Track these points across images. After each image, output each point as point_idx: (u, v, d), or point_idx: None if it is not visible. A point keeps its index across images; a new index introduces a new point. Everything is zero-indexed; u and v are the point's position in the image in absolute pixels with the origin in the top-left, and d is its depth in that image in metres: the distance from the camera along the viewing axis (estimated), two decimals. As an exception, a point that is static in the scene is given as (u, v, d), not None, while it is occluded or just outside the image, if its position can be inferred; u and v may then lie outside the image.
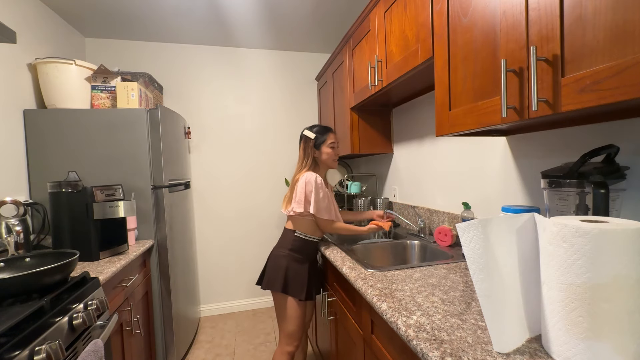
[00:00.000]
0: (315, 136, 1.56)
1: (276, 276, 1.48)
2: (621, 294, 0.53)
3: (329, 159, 1.57)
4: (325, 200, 1.49)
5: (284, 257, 1.51)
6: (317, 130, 1.59)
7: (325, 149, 1.56)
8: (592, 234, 0.54)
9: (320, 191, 1.48)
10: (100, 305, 1.12)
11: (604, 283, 0.53)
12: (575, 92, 0.63)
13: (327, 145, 1.56)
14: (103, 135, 1.79)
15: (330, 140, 1.56)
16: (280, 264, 1.50)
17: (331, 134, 1.58)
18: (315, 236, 1.57)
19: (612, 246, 0.53)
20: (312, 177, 1.48)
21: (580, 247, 0.55)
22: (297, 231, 1.54)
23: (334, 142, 1.58)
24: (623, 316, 0.53)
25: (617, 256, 0.53)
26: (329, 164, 1.59)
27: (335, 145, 1.59)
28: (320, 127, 1.60)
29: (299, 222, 1.54)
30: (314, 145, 1.57)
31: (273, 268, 1.51)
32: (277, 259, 1.52)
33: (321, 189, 1.48)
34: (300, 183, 1.49)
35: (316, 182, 1.47)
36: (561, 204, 0.85)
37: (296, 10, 2.20)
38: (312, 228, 1.55)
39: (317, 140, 1.56)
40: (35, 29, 1.87)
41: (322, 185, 1.49)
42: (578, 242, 0.55)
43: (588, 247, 0.54)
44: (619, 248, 0.53)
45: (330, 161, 1.58)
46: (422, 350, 0.66)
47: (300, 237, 1.53)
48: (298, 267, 1.50)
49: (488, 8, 0.85)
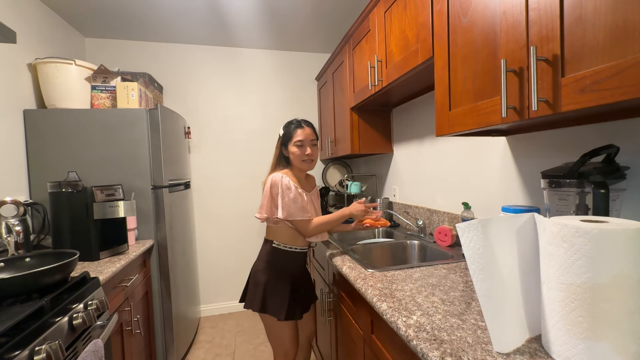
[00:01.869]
0: (283, 133, 1.39)
1: (255, 293, 1.35)
2: (621, 294, 0.53)
3: (296, 159, 1.36)
4: (297, 201, 1.30)
5: (262, 271, 1.36)
6: (286, 125, 1.40)
7: (291, 147, 1.36)
8: (592, 234, 0.54)
9: (288, 192, 1.30)
10: (100, 305, 1.12)
11: (604, 283, 0.53)
12: (575, 92, 0.63)
13: (293, 144, 1.35)
14: (103, 135, 1.79)
15: (297, 138, 1.34)
16: (258, 279, 1.35)
17: (298, 131, 1.35)
18: (297, 246, 1.39)
19: (612, 246, 0.53)
20: (277, 178, 1.31)
21: (580, 247, 0.55)
22: (275, 241, 1.37)
23: (301, 139, 1.34)
24: (623, 316, 0.53)
25: (617, 256, 0.53)
26: (296, 164, 1.37)
27: (304, 143, 1.35)
28: (290, 122, 1.40)
29: (274, 231, 1.38)
30: (281, 144, 1.40)
31: (252, 284, 1.38)
32: (256, 274, 1.37)
33: (289, 189, 1.30)
34: (265, 187, 1.34)
35: (282, 183, 1.30)
36: (561, 204, 0.85)
37: (296, 10, 2.20)
38: (292, 236, 1.37)
39: (284, 138, 1.39)
40: (35, 29, 1.87)
41: (289, 185, 1.31)
42: (578, 242, 0.55)
43: (588, 247, 0.54)
44: (619, 248, 0.53)
45: (297, 161, 1.36)
46: (422, 350, 0.66)
47: (278, 247, 1.36)
48: (277, 283, 1.34)
49: (488, 8, 0.85)
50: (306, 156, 1.36)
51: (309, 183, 1.50)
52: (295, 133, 1.35)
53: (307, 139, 1.36)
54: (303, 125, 1.38)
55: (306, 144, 1.36)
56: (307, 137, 1.36)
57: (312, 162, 1.39)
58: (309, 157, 1.37)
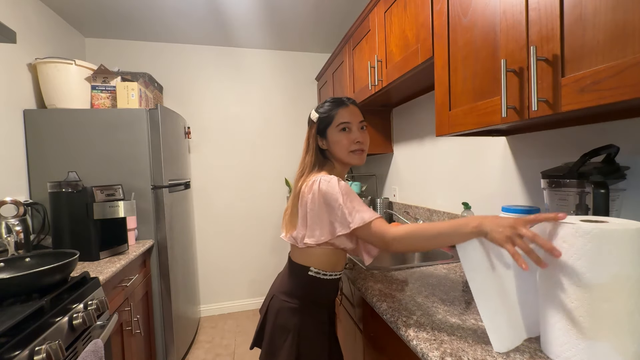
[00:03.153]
0: (318, 117, 0.99)
1: (282, 343, 0.93)
2: (621, 294, 0.53)
3: (341, 150, 0.96)
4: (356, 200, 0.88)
5: (292, 311, 0.95)
6: (320, 106, 1.02)
7: (332, 134, 0.97)
8: (592, 234, 0.54)
9: (352, 195, 0.88)
10: (100, 305, 1.12)
11: (604, 283, 0.53)
12: (575, 92, 0.63)
13: (335, 129, 0.96)
14: (103, 135, 1.78)
15: (341, 120, 0.96)
16: (288, 323, 0.94)
17: (341, 110, 0.96)
18: (337, 271, 0.99)
19: (612, 246, 0.53)
20: (332, 182, 0.88)
21: (580, 247, 0.55)
22: (313, 268, 0.95)
23: (348, 121, 0.96)
24: (623, 316, 0.53)
25: (617, 256, 0.53)
26: (342, 157, 0.97)
27: (352, 126, 0.96)
28: (325, 101, 1.02)
29: (314, 255, 0.95)
30: (317, 132, 1.00)
31: (277, 328, 0.95)
32: (282, 314, 0.96)
33: (351, 191, 0.89)
34: (309, 196, 0.90)
35: (339, 184, 0.88)
36: (561, 204, 0.85)
37: (296, 10, 2.20)
38: (334, 259, 0.97)
39: (320, 125, 0.99)
40: (35, 29, 1.87)
41: (348, 188, 0.89)
42: (578, 242, 0.55)
43: (588, 247, 0.54)
44: (619, 248, 0.53)
45: (343, 153, 0.96)
46: (422, 350, 0.66)
47: (317, 277, 0.95)
48: (316, 330, 0.96)
49: (488, 8, 0.85)
50: (356, 144, 0.96)
51: None
52: (337, 113, 0.96)
53: (356, 121, 0.97)
54: (347, 102, 0.99)
55: (354, 128, 0.96)
56: (355, 118, 0.97)
57: (362, 153, 0.98)
58: (360, 146, 0.97)
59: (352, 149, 0.95)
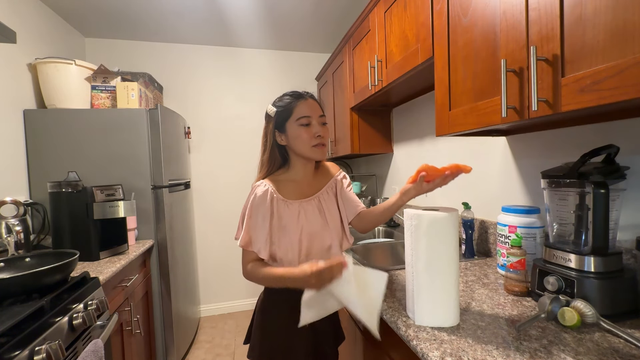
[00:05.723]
0: (276, 112, 0.94)
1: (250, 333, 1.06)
2: (445, 269, 0.74)
3: (302, 145, 0.92)
4: (256, 226, 0.91)
5: (259, 301, 1.06)
6: (278, 100, 0.97)
7: (291, 129, 0.92)
8: (426, 222, 0.74)
9: (251, 212, 0.92)
10: (100, 305, 1.12)
11: (435, 263, 0.74)
12: (575, 92, 0.63)
13: (294, 123, 0.92)
14: (103, 135, 1.79)
15: (300, 115, 0.91)
16: (257, 306, 1.06)
17: (300, 103, 0.92)
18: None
19: (437, 231, 0.74)
20: (254, 192, 0.95)
21: (421, 234, 0.75)
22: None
23: (308, 116, 0.91)
24: (449, 285, 0.74)
25: (440, 239, 0.74)
26: (304, 153, 0.93)
27: (312, 120, 0.92)
28: (284, 95, 0.97)
29: None
30: (275, 127, 0.95)
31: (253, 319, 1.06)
32: (257, 304, 1.06)
33: (255, 209, 0.91)
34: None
35: (253, 199, 0.92)
36: (561, 204, 0.85)
37: (296, 10, 2.20)
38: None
39: (278, 119, 0.94)
40: (35, 29, 1.87)
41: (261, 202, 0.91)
42: (419, 230, 0.75)
43: (423, 232, 0.74)
44: (437, 232, 0.74)
45: (304, 148, 0.92)
46: (422, 350, 0.66)
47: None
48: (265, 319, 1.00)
49: (488, 8, 0.85)
50: (317, 138, 0.92)
51: (320, 178, 1.04)
52: (296, 107, 0.92)
53: (316, 115, 0.93)
54: (305, 96, 0.94)
55: (314, 122, 0.92)
56: (315, 112, 0.93)
57: (324, 148, 0.95)
58: (321, 140, 0.93)
59: (313, 144, 0.92)
